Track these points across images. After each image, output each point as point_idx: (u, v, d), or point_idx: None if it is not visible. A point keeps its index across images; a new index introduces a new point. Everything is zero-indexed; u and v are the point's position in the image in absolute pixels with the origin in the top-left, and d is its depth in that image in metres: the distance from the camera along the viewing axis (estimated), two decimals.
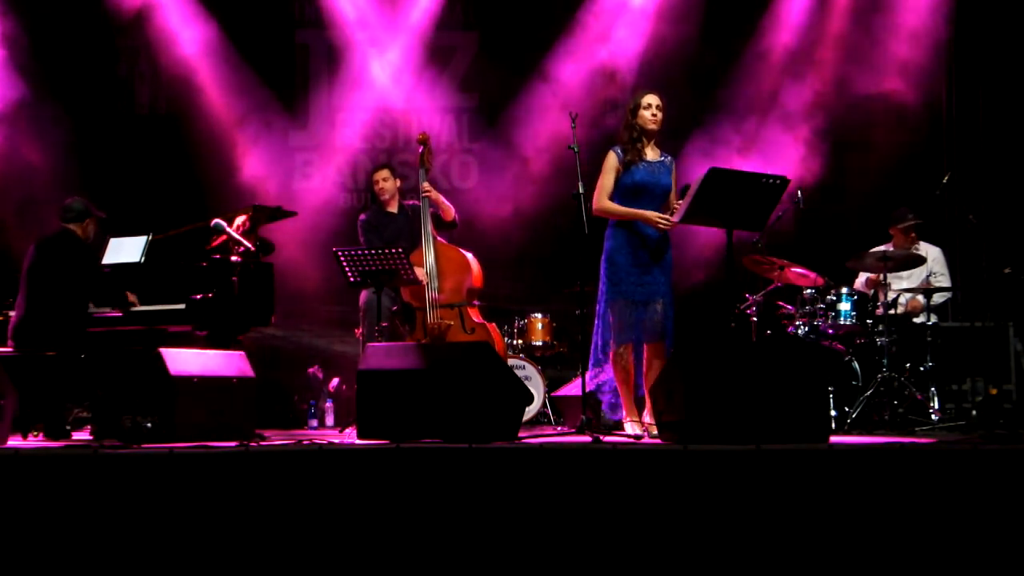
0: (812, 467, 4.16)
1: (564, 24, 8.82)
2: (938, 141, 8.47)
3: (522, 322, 8.10)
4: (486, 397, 4.93)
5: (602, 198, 5.53)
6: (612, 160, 5.55)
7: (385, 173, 6.98)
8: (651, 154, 5.58)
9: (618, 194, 5.53)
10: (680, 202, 5.37)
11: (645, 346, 5.50)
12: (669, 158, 5.64)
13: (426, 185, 6.62)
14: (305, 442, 4.97)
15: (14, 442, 5.31)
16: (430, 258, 6.51)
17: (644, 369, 5.51)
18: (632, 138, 5.54)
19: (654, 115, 5.54)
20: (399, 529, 4.12)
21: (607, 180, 5.54)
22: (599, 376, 5.65)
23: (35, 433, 5.70)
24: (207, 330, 6.21)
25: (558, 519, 4.10)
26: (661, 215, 5.44)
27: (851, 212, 8.23)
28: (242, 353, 5.70)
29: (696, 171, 5.60)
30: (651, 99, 5.56)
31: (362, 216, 7.00)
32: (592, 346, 5.65)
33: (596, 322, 5.64)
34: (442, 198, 6.72)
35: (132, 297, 6.21)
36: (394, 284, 6.26)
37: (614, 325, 5.49)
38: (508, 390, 5.03)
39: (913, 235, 7.09)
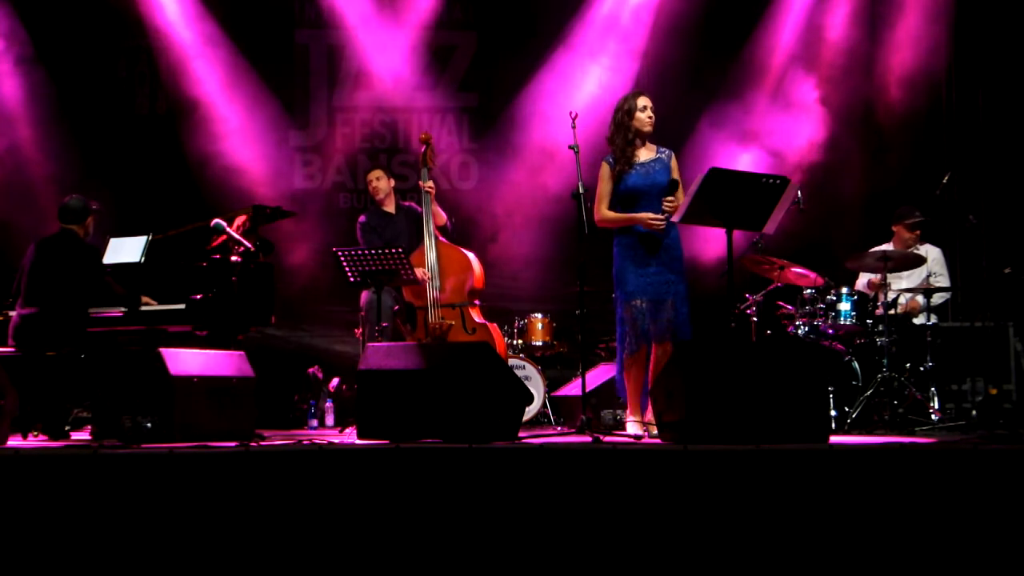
0: (812, 467, 4.16)
1: (563, 23, 8.82)
2: (938, 141, 8.47)
3: (522, 322, 8.10)
4: (486, 397, 4.93)
5: (601, 208, 5.58)
6: (605, 170, 5.60)
7: (378, 173, 7.00)
8: (645, 154, 5.59)
9: (616, 202, 5.57)
10: (669, 199, 5.39)
11: (654, 346, 5.50)
12: (667, 152, 5.63)
13: (430, 183, 6.62)
14: (305, 442, 4.97)
15: (14, 442, 5.30)
16: (432, 257, 6.52)
17: (651, 368, 5.51)
18: (627, 141, 5.55)
19: (650, 117, 5.56)
20: (399, 529, 4.12)
21: (603, 189, 5.59)
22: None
23: (35, 433, 5.69)
24: (207, 330, 6.21)
25: (558, 519, 4.10)
26: (654, 215, 5.45)
27: (851, 212, 8.23)
28: (242, 353, 5.70)
29: (693, 171, 5.61)
30: (645, 101, 5.59)
31: (361, 218, 7.00)
32: (618, 348, 5.67)
33: (617, 325, 5.65)
34: (436, 205, 6.70)
35: (146, 298, 6.22)
36: (394, 284, 6.27)
37: (629, 327, 5.51)
38: (508, 390, 5.03)
39: (918, 232, 7.09)
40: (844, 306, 6.75)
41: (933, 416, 6.31)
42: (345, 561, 4.09)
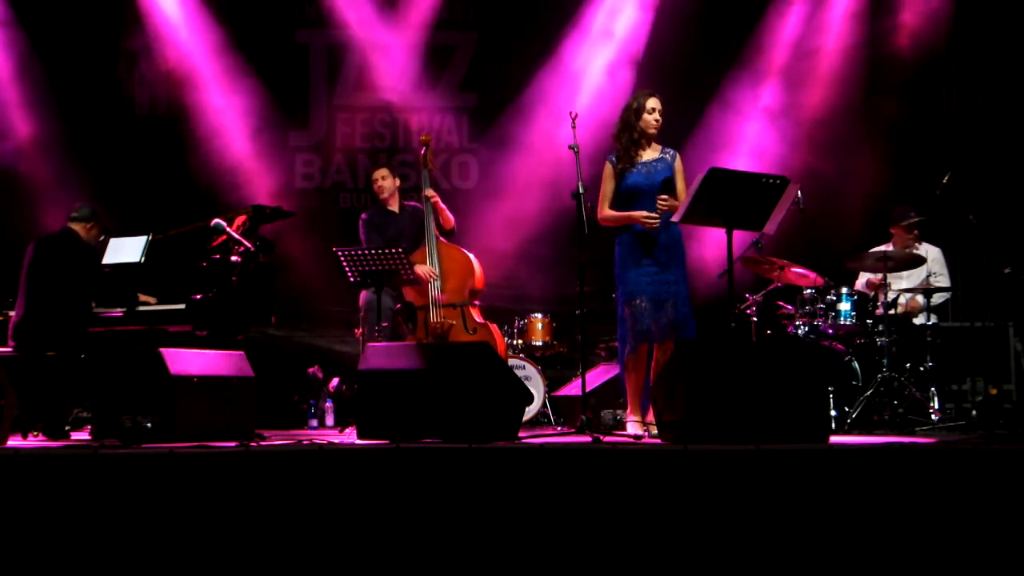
0: (812, 467, 4.16)
1: (564, 23, 8.83)
2: (938, 141, 8.47)
3: (522, 322, 8.10)
4: (486, 397, 4.93)
5: (602, 207, 5.61)
6: (608, 169, 5.62)
7: (384, 172, 7.01)
8: (648, 154, 5.59)
9: (617, 200, 5.57)
10: (663, 197, 5.40)
11: (656, 346, 5.50)
12: (672, 152, 5.64)
13: (430, 191, 6.64)
14: (305, 442, 4.97)
15: (14, 442, 5.30)
16: (434, 258, 6.53)
17: (652, 368, 5.50)
18: (632, 140, 5.56)
19: (657, 120, 5.57)
20: (399, 529, 4.12)
21: (606, 189, 5.62)
22: None
23: (35, 433, 5.69)
24: (207, 330, 6.21)
25: (558, 519, 4.10)
26: (648, 213, 5.45)
27: (851, 212, 8.23)
28: (242, 353, 5.70)
29: (694, 169, 5.61)
30: (654, 103, 5.59)
31: (364, 215, 7.02)
32: (619, 347, 5.68)
33: (618, 325, 5.65)
34: (443, 207, 6.72)
35: (145, 297, 6.22)
36: (394, 284, 6.28)
37: (630, 327, 5.51)
38: (508, 390, 5.03)
39: (916, 232, 7.09)
40: (844, 306, 6.75)
41: (933, 416, 6.31)
42: (345, 561, 4.09)
